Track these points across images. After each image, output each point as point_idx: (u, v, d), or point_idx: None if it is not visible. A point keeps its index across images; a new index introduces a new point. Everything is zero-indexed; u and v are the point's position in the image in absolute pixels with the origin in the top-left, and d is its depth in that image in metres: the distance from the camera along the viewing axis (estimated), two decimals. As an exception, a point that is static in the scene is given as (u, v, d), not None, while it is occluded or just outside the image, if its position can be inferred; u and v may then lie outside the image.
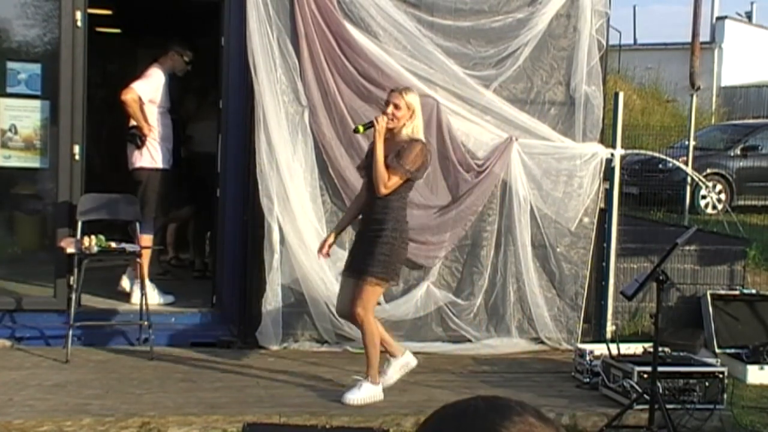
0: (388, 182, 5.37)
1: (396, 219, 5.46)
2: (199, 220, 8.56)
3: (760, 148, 14.83)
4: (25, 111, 6.77)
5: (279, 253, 6.55)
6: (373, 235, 5.42)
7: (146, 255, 6.85)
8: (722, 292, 7.73)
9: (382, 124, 5.37)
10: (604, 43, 7.19)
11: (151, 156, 7.21)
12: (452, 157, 6.81)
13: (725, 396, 5.81)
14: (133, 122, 7.18)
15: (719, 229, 9.42)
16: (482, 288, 6.98)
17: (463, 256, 6.99)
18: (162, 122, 7.26)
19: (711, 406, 5.63)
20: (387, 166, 5.35)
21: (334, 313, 6.65)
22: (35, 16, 7.01)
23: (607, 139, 7.30)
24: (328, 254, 5.78)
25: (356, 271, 5.46)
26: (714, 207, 12.95)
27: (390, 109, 5.42)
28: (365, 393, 5.52)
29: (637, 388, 5.49)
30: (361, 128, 5.63)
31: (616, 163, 7.37)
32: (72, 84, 6.65)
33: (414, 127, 5.48)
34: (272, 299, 6.58)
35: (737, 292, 7.73)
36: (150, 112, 7.15)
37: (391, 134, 5.45)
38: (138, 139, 7.14)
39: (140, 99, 7.06)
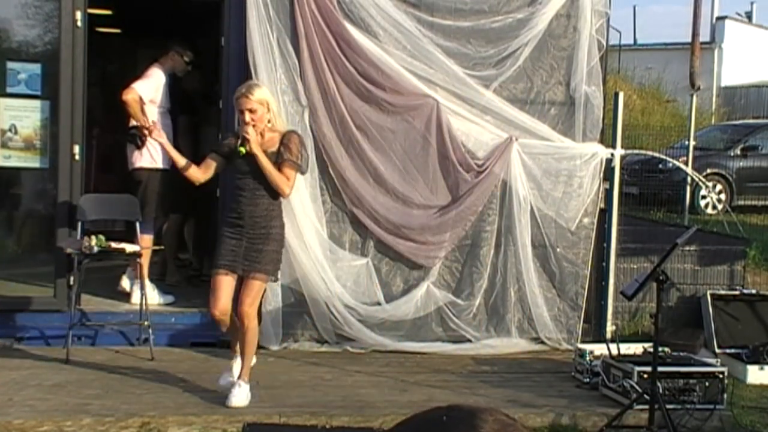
0: (289, 182, 5.37)
1: (279, 215, 5.49)
2: (199, 221, 8.56)
3: (760, 148, 14.84)
4: (25, 111, 6.77)
5: (279, 253, 6.55)
6: (263, 233, 5.37)
7: (146, 255, 6.86)
8: (722, 292, 7.73)
9: (252, 134, 5.27)
10: (604, 43, 7.19)
11: (151, 156, 7.21)
12: (452, 157, 6.81)
13: (725, 396, 5.81)
14: (133, 122, 7.18)
15: (719, 229, 9.42)
16: (482, 288, 6.98)
17: (463, 256, 7.00)
18: (162, 122, 7.25)
19: (711, 406, 5.63)
20: (282, 164, 5.31)
21: (334, 313, 6.67)
22: (35, 16, 7.01)
23: (607, 139, 7.31)
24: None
25: (246, 270, 5.37)
26: (714, 207, 12.96)
27: (248, 117, 5.30)
28: (245, 392, 5.43)
29: (637, 388, 5.49)
30: (243, 150, 5.33)
31: (616, 163, 7.37)
32: (72, 84, 6.65)
33: (274, 117, 5.42)
34: (272, 299, 6.58)
35: (737, 292, 7.73)
36: (150, 112, 7.15)
37: (260, 134, 5.38)
38: (138, 139, 7.14)
39: (141, 99, 7.06)
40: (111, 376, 5.87)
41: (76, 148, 6.69)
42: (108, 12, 9.03)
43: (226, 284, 5.36)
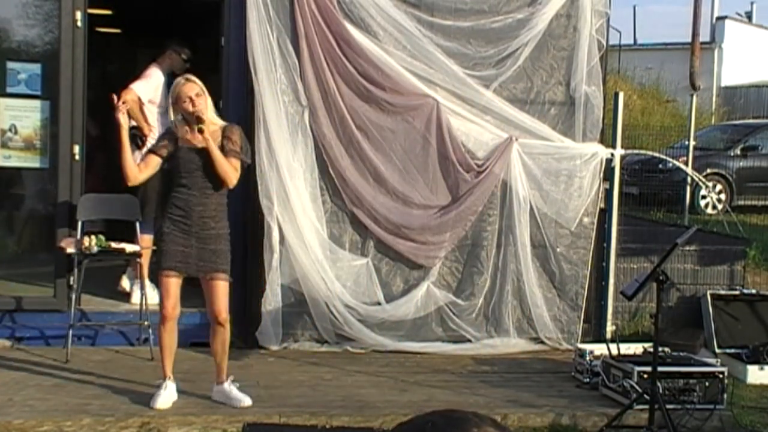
0: (236, 173, 5.26)
1: (226, 215, 5.39)
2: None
3: (760, 148, 14.84)
4: (25, 111, 6.77)
5: (279, 253, 6.56)
6: (213, 233, 5.27)
7: (146, 255, 6.85)
8: (722, 292, 7.73)
9: (206, 118, 5.18)
10: (604, 43, 7.19)
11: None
12: (452, 157, 6.82)
13: (725, 396, 5.81)
14: (132, 123, 7.17)
15: (719, 229, 9.42)
16: (482, 288, 6.98)
17: (464, 256, 7.00)
18: (162, 122, 7.24)
19: (711, 406, 5.63)
20: (227, 156, 5.20)
21: (334, 313, 6.67)
22: (35, 16, 7.01)
23: (607, 139, 7.31)
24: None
25: (205, 272, 5.28)
26: (714, 207, 12.96)
27: (197, 103, 5.16)
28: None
29: (637, 388, 5.49)
30: (202, 127, 5.16)
31: (616, 163, 7.37)
32: (72, 84, 6.65)
33: (211, 107, 5.30)
34: (272, 299, 6.59)
35: (737, 292, 7.73)
36: (150, 112, 7.14)
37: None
38: (138, 139, 7.13)
39: (140, 99, 7.06)
40: (111, 376, 5.87)
41: (76, 148, 6.69)
42: (108, 12, 9.03)
43: (176, 286, 5.31)
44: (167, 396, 5.33)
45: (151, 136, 7.15)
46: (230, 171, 5.22)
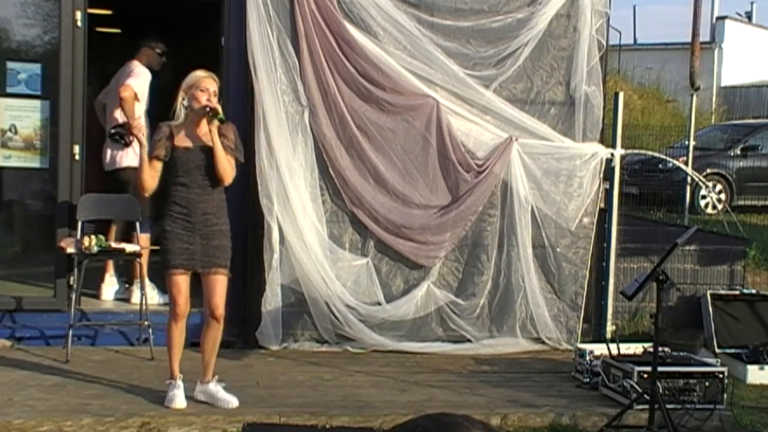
0: (233, 170, 5.26)
1: (226, 208, 5.39)
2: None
3: (760, 148, 14.83)
4: (25, 111, 6.77)
5: (279, 253, 6.56)
6: (216, 229, 5.28)
7: (145, 255, 6.84)
8: (722, 292, 7.74)
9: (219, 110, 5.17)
10: (604, 43, 7.19)
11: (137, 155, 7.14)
12: (452, 157, 6.82)
13: (725, 396, 5.81)
14: (117, 121, 7.10)
15: (719, 229, 9.42)
16: (483, 288, 6.98)
17: (464, 256, 7.00)
18: (146, 121, 7.18)
19: (711, 406, 5.63)
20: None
21: (335, 313, 6.67)
22: (35, 16, 7.01)
23: (607, 139, 7.31)
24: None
25: (208, 267, 5.28)
26: (714, 207, 12.95)
27: (211, 97, 5.17)
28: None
29: (637, 388, 5.49)
30: (223, 117, 5.19)
31: (616, 163, 7.37)
32: (72, 84, 6.65)
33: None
34: (272, 299, 6.59)
35: (737, 292, 7.73)
36: (139, 110, 7.06)
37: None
38: (127, 137, 7.05)
39: (136, 95, 7.00)
40: (111, 376, 5.87)
41: (76, 148, 6.69)
42: (108, 12, 9.02)
43: (185, 283, 5.31)
44: (182, 395, 5.34)
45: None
46: (229, 168, 5.23)
